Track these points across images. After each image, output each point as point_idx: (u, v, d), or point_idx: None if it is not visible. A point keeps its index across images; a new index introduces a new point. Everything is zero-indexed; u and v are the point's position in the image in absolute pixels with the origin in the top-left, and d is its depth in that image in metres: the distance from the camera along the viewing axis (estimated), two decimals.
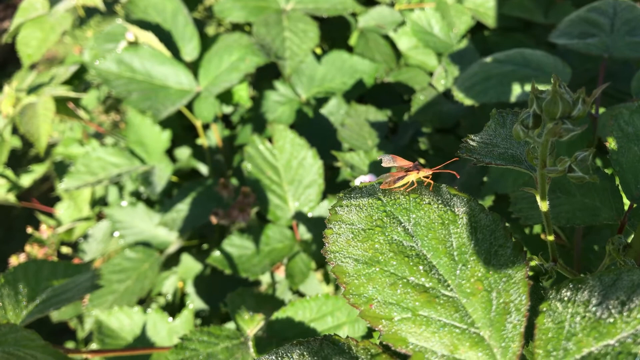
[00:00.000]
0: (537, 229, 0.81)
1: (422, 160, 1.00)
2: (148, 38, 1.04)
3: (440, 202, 0.35)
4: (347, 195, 0.37)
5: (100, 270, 1.01)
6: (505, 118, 0.48)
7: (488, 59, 0.82)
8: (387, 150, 0.94)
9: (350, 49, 1.24)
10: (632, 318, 0.28)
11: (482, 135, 0.47)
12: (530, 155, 0.41)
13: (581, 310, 0.29)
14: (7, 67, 3.25)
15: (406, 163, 0.38)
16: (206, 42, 1.10)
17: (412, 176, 0.36)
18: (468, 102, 0.79)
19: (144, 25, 1.08)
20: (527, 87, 0.78)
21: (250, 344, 0.63)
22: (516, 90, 0.76)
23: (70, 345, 1.32)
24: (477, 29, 1.22)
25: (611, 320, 0.28)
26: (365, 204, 0.36)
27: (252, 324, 0.67)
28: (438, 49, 1.14)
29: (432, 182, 0.37)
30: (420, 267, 0.32)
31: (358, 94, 1.15)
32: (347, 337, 0.32)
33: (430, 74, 1.14)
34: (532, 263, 0.41)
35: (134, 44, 1.06)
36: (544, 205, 0.41)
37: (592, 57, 0.93)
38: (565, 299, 0.30)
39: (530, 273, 0.43)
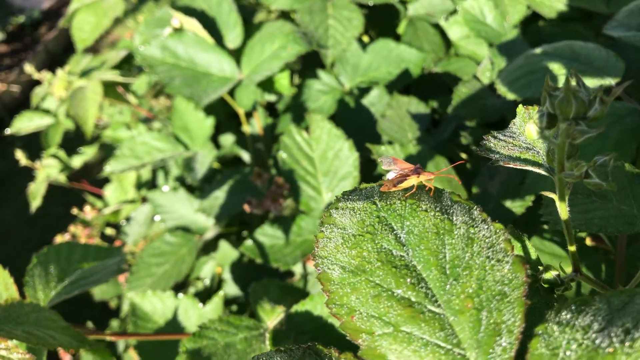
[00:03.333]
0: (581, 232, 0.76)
1: (463, 155, 0.96)
2: (192, 24, 1.04)
3: (438, 209, 0.32)
4: (345, 196, 0.36)
5: (140, 253, 1.04)
6: (532, 115, 0.45)
7: (535, 52, 0.78)
8: (426, 144, 0.90)
9: (398, 38, 1.21)
10: (634, 349, 0.25)
11: (505, 133, 0.45)
12: (550, 157, 0.38)
13: (579, 336, 0.27)
14: (69, 51, 3.37)
15: (407, 166, 0.35)
16: (250, 30, 1.10)
17: (413, 180, 0.34)
18: (511, 96, 0.75)
19: (190, 11, 1.09)
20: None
21: (267, 336, 0.62)
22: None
23: (115, 323, 1.36)
24: (532, 19, 1.15)
25: (610, 350, 0.26)
26: (359, 207, 0.34)
27: (273, 316, 0.67)
28: (490, 39, 1.09)
29: (432, 187, 0.34)
30: (408, 280, 0.30)
31: (403, 84, 1.12)
32: (330, 347, 0.30)
33: None
34: (548, 275, 0.38)
35: (178, 31, 1.06)
36: (563, 212, 0.38)
37: None
38: (564, 322, 0.28)
39: (546, 285, 0.40)
